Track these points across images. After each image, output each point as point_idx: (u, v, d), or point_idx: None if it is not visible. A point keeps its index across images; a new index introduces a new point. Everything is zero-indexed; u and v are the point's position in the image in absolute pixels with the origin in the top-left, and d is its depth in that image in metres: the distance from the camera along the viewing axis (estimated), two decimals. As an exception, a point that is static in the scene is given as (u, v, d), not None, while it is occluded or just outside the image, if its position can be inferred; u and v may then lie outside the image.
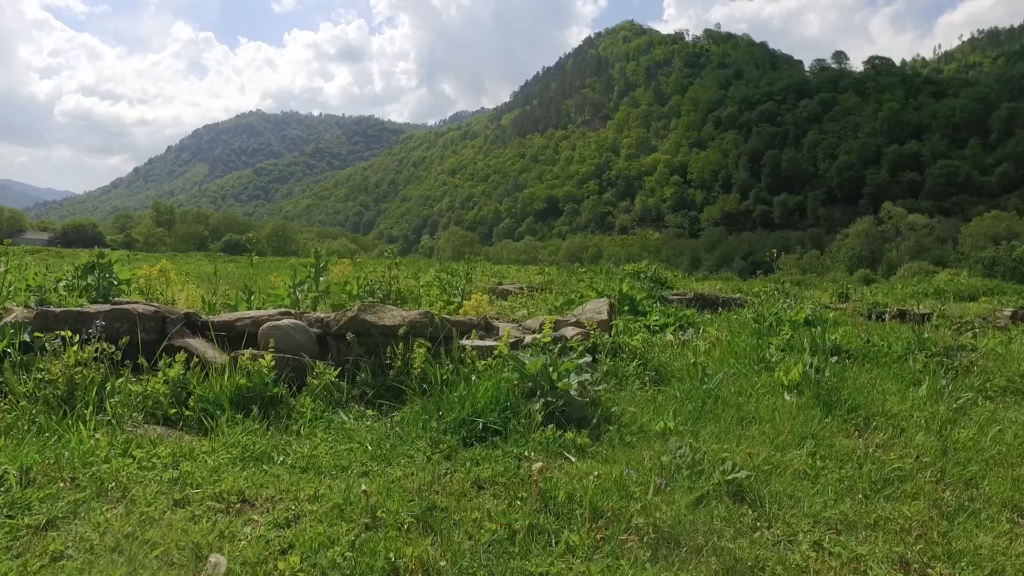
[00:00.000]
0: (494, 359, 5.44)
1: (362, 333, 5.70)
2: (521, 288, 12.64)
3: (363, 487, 3.22)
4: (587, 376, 5.22)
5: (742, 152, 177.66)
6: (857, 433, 4.95)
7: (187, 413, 4.61)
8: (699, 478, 3.70)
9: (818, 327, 7.34)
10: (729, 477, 3.63)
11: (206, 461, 3.78)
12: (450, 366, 5.37)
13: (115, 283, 7.98)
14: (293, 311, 6.27)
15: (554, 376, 4.94)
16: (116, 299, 6.20)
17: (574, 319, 7.55)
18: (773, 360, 6.65)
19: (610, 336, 6.86)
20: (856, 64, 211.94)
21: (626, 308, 10.18)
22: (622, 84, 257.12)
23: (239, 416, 4.62)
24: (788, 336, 7.26)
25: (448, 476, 3.75)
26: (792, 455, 4.29)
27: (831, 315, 8.59)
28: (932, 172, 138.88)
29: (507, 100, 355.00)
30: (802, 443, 4.52)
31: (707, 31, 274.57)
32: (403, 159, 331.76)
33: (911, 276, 46.28)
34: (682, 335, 8.96)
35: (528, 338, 6.30)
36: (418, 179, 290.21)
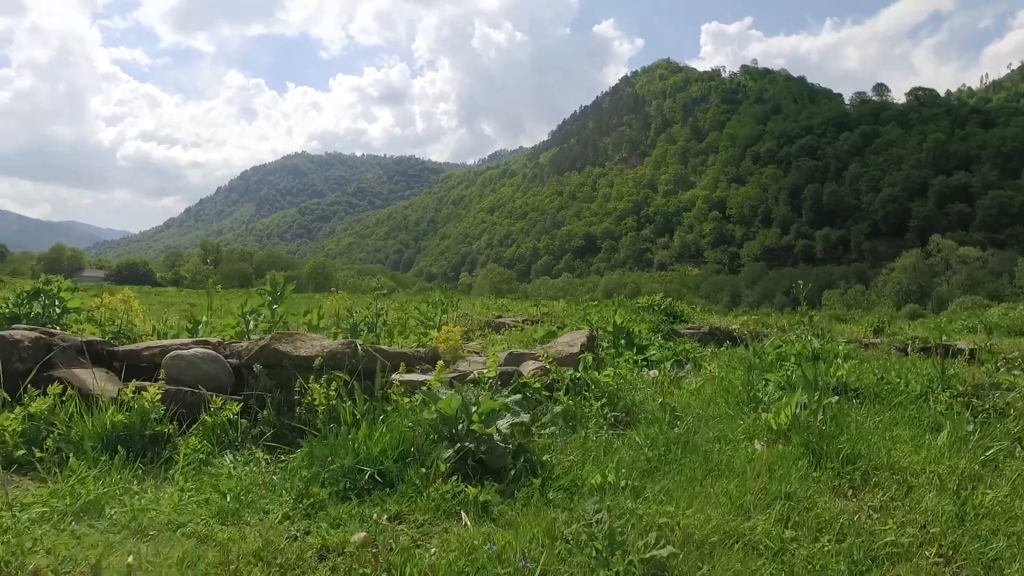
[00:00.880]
0: (421, 396, 4.67)
1: (274, 364, 5.00)
2: (519, 321, 11.84)
3: (129, 559, 2.46)
4: (523, 417, 4.40)
5: (782, 187, 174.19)
6: (851, 492, 3.97)
7: (39, 455, 3.94)
8: (613, 554, 2.82)
9: (823, 362, 6.34)
10: (648, 555, 2.74)
11: (5, 518, 3.08)
12: (367, 403, 4.62)
13: (59, 311, 7.53)
14: (213, 340, 5.63)
15: (474, 417, 4.13)
16: (14, 326, 5.65)
17: (554, 350, 6.73)
18: (766, 400, 5.69)
19: (577, 371, 6.00)
20: (898, 96, 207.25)
21: (622, 342, 9.28)
22: (659, 121, 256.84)
23: (103, 458, 3.94)
24: (790, 372, 6.27)
25: (293, 540, 2.96)
26: (755, 521, 3.36)
27: (841, 348, 7.54)
28: (983, 203, 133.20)
29: (545, 139, 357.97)
30: (772, 505, 3.58)
31: (744, 67, 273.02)
32: (443, 198, 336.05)
33: (963, 311, 43.66)
34: (678, 371, 8.03)
35: (476, 373, 5.51)
36: (457, 217, 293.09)
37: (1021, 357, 10.91)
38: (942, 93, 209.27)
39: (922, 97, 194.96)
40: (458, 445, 3.99)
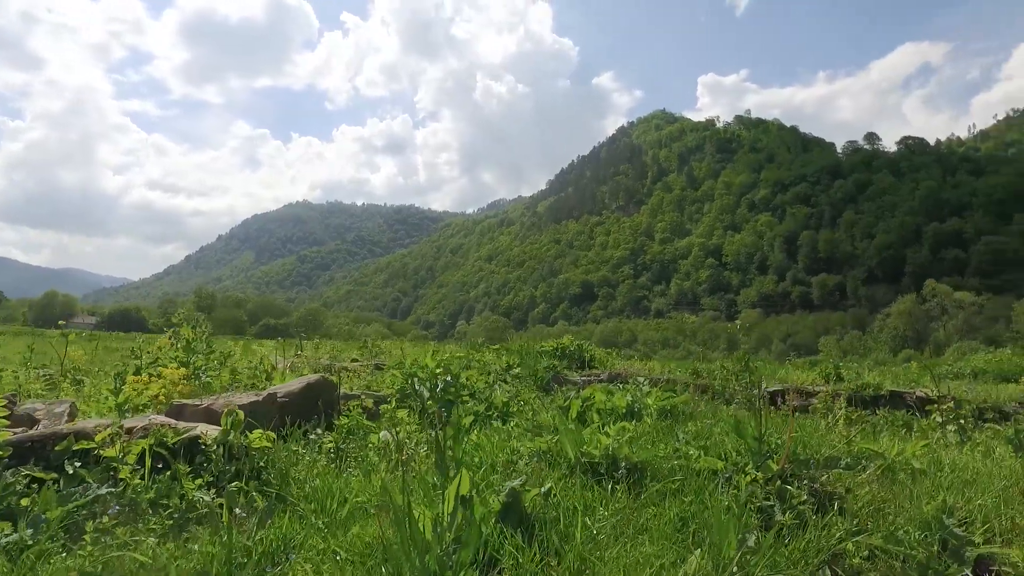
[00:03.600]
0: None
1: None
2: (362, 365, 9.88)
3: None
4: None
5: (777, 234, 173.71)
6: None
7: None
8: None
9: (624, 420, 4.36)
10: None
11: None
12: None
13: None
14: None
15: None
16: None
17: (221, 400, 4.80)
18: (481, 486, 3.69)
19: (221, 433, 4.02)
20: (889, 145, 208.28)
21: (438, 392, 7.30)
22: (655, 170, 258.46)
23: None
24: (553, 439, 4.28)
25: None
26: None
27: (651, 401, 5.49)
28: (978, 249, 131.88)
29: (543, 188, 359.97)
30: None
31: (737, 117, 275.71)
32: (441, 246, 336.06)
33: (960, 356, 41.44)
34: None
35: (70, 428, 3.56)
36: (455, 266, 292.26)
37: (992, 408, 8.94)
38: (932, 142, 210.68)
39: (912, 146, 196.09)
40: None
